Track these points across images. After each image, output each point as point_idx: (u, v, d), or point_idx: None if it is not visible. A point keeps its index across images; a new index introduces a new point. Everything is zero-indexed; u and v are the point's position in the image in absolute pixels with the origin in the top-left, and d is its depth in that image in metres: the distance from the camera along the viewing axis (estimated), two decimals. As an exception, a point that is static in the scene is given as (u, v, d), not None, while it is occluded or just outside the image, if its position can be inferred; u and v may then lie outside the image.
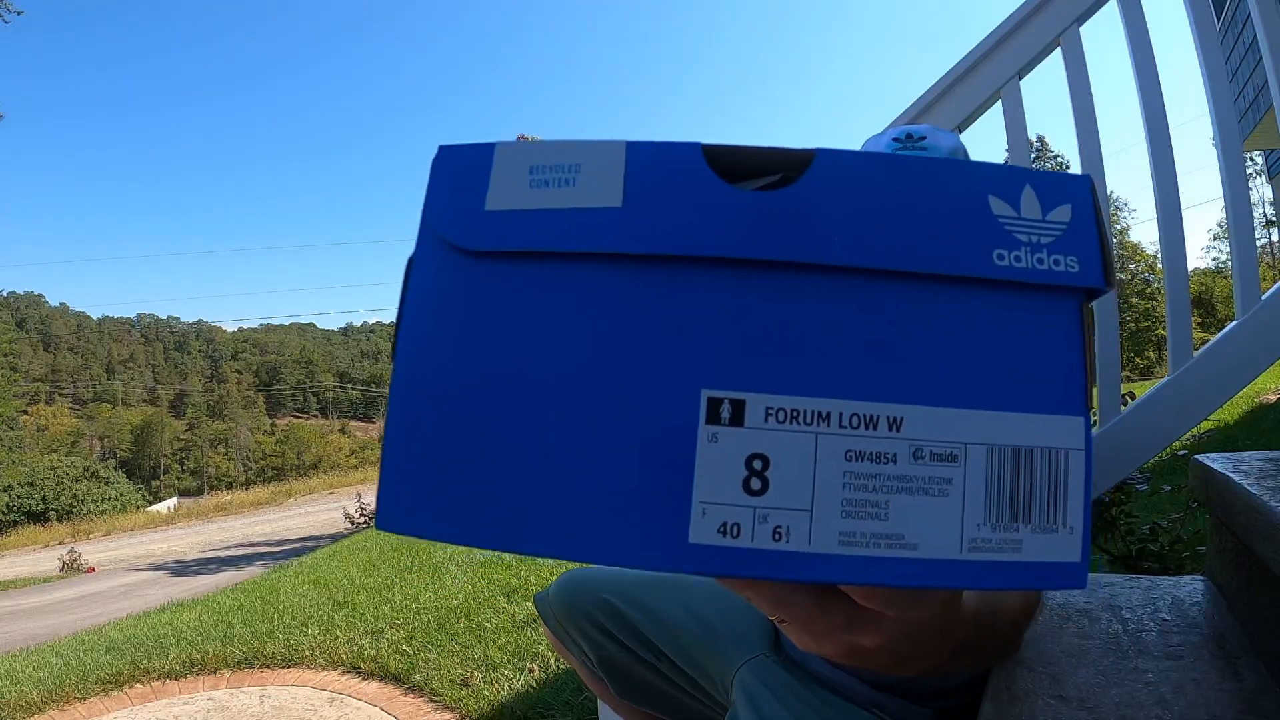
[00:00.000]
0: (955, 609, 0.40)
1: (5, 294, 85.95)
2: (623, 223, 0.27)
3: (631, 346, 0.27)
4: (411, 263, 0.30)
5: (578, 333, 0.27)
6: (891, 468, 0.25)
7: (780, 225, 0.27)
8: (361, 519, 11.76)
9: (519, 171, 0.29)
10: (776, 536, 0.25)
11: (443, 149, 0.30)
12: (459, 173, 0.29)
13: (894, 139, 0.83)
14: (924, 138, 0.83)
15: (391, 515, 0.27)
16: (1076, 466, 0.26)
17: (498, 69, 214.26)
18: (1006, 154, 1.37)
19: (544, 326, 0.27)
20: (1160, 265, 1.27)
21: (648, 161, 0.28)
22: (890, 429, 0.26)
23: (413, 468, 0.27)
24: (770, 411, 0.26)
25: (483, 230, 0.28)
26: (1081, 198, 0.27)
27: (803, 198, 0.27)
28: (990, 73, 1.33)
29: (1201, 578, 0.78)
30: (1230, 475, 0.68)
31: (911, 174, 0.27)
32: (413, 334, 0.28)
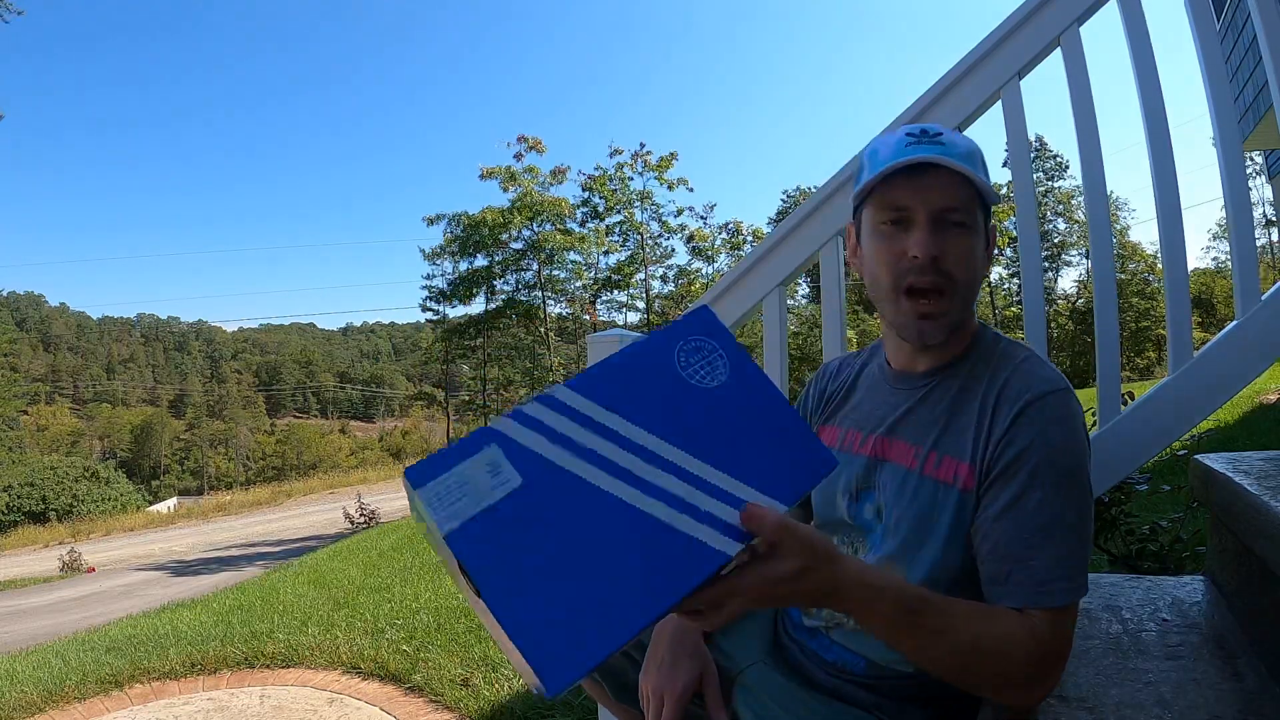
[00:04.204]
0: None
1: (5, 294, 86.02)
2: None
3: None
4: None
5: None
6: None
7: None
8: (361, 519, 11.73)
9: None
10: None
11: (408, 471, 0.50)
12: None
13: (907, 134, 0.81)
14: (940, 134, 0.81)
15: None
16: None
17: (501, 77, 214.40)
18: (1006, 154, 1.37)
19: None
20: (1160, 265, 1.27)
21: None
22: None
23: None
24: None
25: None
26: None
27: None
28: (990, 73, 1.33)
29: (1201, 578, 0.78)
30: (1230, 475, 0.68)
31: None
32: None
